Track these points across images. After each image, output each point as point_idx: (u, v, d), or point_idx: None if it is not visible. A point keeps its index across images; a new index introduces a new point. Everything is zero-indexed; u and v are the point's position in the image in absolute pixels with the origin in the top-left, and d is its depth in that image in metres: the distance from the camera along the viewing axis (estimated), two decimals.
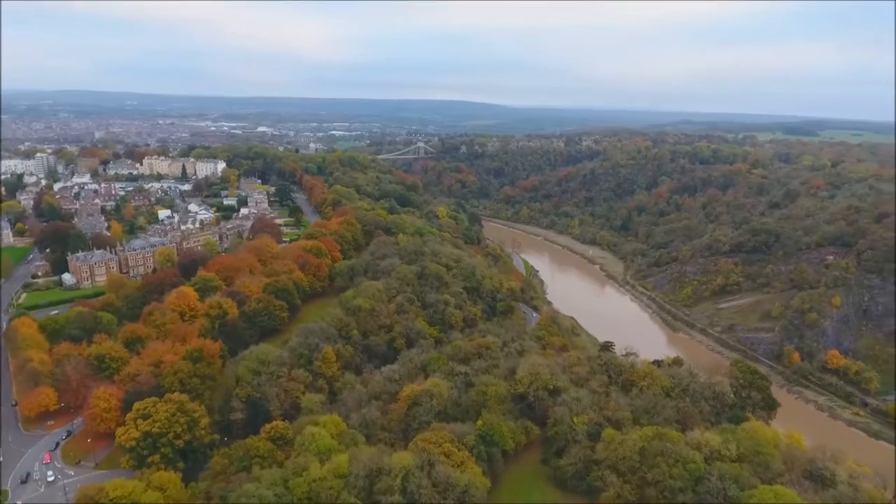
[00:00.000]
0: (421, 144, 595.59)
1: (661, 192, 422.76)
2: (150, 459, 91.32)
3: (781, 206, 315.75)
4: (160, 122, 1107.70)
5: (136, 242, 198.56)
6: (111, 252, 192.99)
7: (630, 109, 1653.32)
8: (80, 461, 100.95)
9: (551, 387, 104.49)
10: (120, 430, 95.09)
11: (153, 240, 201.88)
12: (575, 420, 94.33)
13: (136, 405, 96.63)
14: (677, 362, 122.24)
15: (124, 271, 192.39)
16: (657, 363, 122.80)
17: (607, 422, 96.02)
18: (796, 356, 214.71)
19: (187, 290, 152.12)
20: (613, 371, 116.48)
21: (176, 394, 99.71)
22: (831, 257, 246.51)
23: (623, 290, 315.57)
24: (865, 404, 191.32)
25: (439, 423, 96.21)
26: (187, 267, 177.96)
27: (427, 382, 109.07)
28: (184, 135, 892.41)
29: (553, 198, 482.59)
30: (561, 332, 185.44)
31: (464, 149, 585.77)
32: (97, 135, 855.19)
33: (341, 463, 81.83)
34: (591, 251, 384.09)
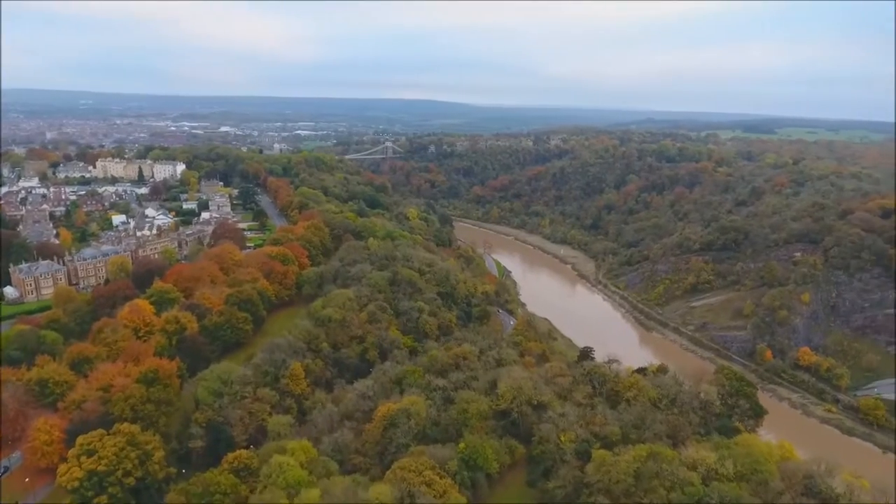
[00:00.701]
0: (389, 144, 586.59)
1: (630, 191, 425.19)
2: (95, 501, 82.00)
3: (748, 203, 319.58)
4: (117, 121, 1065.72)
5: (87, 251, 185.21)
6: (59, 262, 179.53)
7: (594, 108, 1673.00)
8: (17, 502, 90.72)
9: (535, 402, 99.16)
10: (61, 469, 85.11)
11: (105, 248, 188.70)
12: (562, 438, 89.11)
13: (80, 439, 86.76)
14: (662, 370, 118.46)
15: (73, 283, 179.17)
16: (642, 371, 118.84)
17: (595, 438, 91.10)
18: (769, 354, 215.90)
19: (142, 304, 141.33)
20: (597, 381, 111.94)
21: (126, 424, 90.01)
22: (799, 254, 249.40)
23: (595, 289, 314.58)
24: (837, 401, 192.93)
25: (418, 447, 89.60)
26: (142, 277, 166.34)
27: (403, 400, 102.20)
28: (142, 135, 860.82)
29: (523, 197, 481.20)
30: (538, 337, 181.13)
31: (432, 148, 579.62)
32: (48, 135, 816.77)
33: (312, 498, 74.51)
34: (563, 250, 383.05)
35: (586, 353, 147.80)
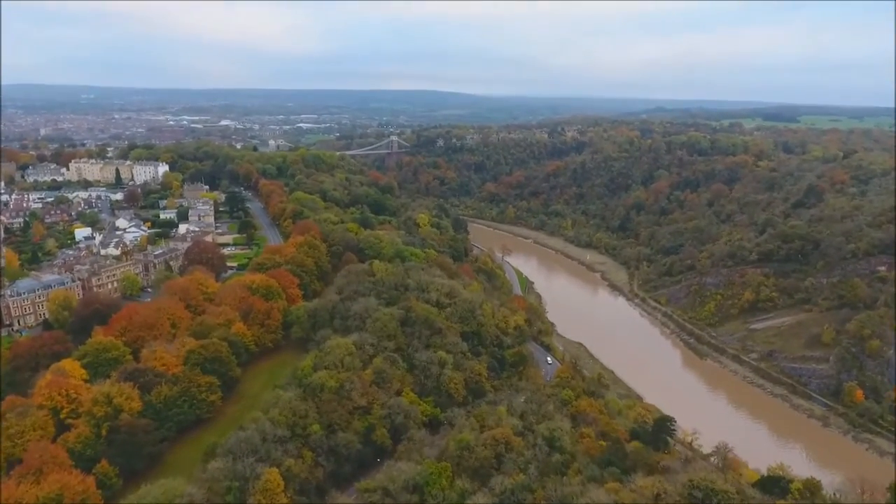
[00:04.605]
0: (394, 138, 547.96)
1: (661, 188, 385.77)
2: None
3: (807, 204, 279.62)
4: (116, 116, 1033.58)
5: (23, 283, 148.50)
6: None
7: (600, 98, 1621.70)
8: None
9: None
10: None
11: (47, 278, 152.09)
12: None
13: None
14: (812, 487, 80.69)
15: (7, 324, 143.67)
16: (779, 487, 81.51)
17: None
18: (859, 394, 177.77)
19: (71, 367, 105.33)
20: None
21: None
22: (883, 268, 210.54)
23: (632, 303, 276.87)
24: None
25: None
26: (86, 321, 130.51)
27: None
28: (140, 130, 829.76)
29: (541, 195, 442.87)
30: (587, 387, 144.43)
31: (440, 142, 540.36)
32: (42, 131, 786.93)
33: None
34: (589, 255, 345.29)
35: (664, 426, 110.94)
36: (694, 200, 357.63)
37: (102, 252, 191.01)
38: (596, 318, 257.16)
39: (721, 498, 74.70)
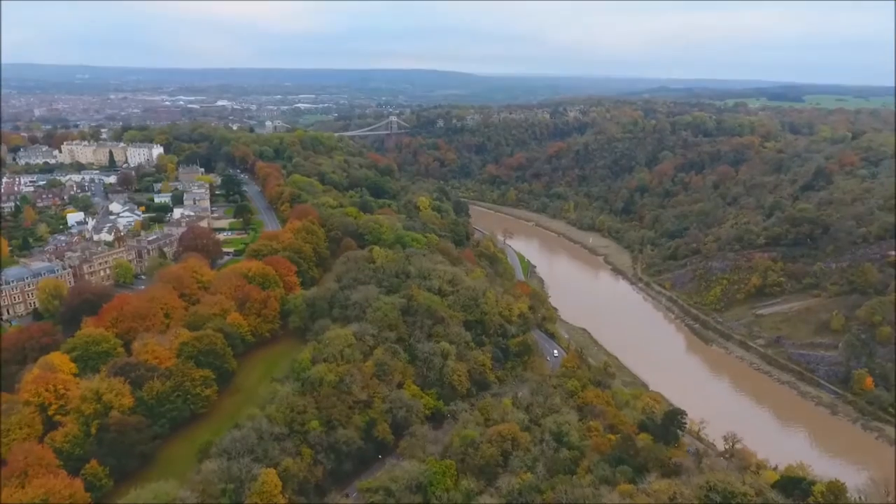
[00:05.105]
0: (393, 119, 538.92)
1: (665, 170, 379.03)
2: None
3: (815, 187, 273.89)
4: (111, 96, 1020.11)
5: (12, 271, 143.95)
6: None
7: (602, 77, 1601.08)
8: None
9: None
10: None
11: (37, 266, 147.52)
12: None
13: None
14: (835, 490, 77.13)
15: None
16: (798, 488, 78.00)
17: None
18: (869, 381, 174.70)
19: (60, 361, 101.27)
20: None
21: None
22: (894, 253, 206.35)
23: (636, 287, 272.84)
24: None
25: None
26: (77, 310, 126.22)
27: None
28: (135, 110, 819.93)
29: (543, 177, 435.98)
30: (593, 376, 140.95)
31: (440, 122, 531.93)
32: (37, 112, 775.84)
33: None
34: (591, 239, 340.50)
35: (675, 419, 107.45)
36: (699, 183, 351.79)
37: (95, 237, 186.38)
38: (599, 302, 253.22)
39: (740, 501, 71.14)
